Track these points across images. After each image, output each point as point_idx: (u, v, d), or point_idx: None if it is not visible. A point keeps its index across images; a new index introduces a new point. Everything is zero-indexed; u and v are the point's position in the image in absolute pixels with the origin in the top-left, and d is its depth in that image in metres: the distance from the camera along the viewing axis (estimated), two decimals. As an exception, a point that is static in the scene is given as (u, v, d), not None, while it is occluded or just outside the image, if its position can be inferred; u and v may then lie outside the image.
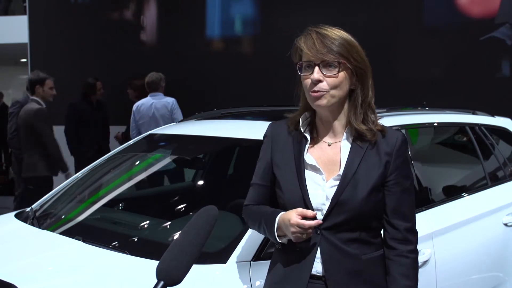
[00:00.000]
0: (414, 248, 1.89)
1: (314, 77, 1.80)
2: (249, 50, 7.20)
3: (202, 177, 3.65)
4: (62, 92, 7.72)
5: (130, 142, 3.35)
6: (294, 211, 1.80)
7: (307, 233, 1.79)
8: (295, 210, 1.81)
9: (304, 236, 1.79)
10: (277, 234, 1.85)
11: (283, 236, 1.86)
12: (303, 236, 1.79)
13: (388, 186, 1.86)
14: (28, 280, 2.13)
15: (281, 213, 1.85)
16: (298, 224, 1.76)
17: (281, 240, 1.86)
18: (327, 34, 1.81)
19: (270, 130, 2.01)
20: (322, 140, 1.92)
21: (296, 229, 1.77)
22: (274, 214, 1.87)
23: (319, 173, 1.87)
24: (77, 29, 7.90)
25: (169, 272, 1.39)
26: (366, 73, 1.86)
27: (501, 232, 3.21)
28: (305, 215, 1.78)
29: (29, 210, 2.99)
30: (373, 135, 1.85)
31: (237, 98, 6.41)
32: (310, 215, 1.78)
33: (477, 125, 3.68)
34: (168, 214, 2.89)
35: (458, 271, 2.88)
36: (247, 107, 3.61)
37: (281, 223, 1.83)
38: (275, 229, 1.84)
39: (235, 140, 2.98)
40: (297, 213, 1.79)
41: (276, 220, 1.85)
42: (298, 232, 1.78)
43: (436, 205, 2.95)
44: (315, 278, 1.85)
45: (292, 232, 1.78)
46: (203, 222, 1.47)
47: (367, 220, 1.85)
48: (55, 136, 5.73)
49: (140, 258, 2.24)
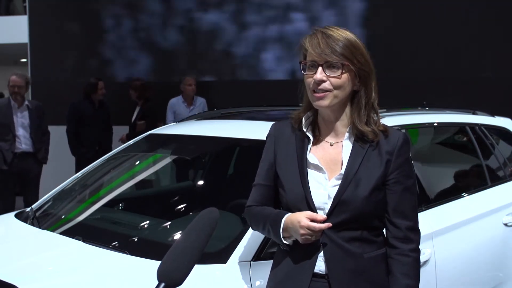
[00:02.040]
0: (415, 247, 1.89)
1: (317, 77, 1.81)
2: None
3: (202, 177, 3.65)
4: (62, 92, 7.76)
5: (130, 142, 3.35)
6: (303, 213, 1.81)
7: (316, 235, 1.80)
8: (304, 212, 1.81)
9: (313, 238, 1.80)
10: (283, 235, 1.86)
11: (289, 238, 1.86)
12: (312, 238, 1.80)
13: (389, 185, 1.87)
14: (28, 280, 2.13)
15: (288, 215, 1.85)
16: (309, 227, 1.78)
17: (287, 242, 1.87)
18: (332, 35, 1.82)
19: (273, 131, 2.02)
20: (324, 140, 1.92)
21: (306, 231, 1.78)
22: (280, 215, 1.87)
23: (322, 172, 1.88)
24: (77, 29, 7.90)
25: (170, 274, 1.39)
26: (369, 75, 1.86)
27: (501, 232, 3.21)
28: (314, 219, 1.79)
29: (29, 210, 2.98)
30: (375, 136, 1.86)
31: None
32: (320, 219, 1.80)
33: (477, 125, 3.68)
34: (168, 214, 2.89)
35: (458, 271, 2.88)
36: (247, 107, 3.61)
37: (288, 225, 1.83)
38: (281, 230, 1.85)
39: (235, 140, 2.98)
40: (306, 216, 1.79)
41: (282, 221, 1.85)
42: (308, 234, 1.79)
43: (436, 205, 2.95)
44: (318, 277, 1.86)
45: (301, 234, 1.79)
46: (204, 224, 1.47)
47: (369, 219, 1.86)
48: (55, 136, 5.75)
49: (140, 258, 2.24)
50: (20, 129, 5.86)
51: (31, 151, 5.91)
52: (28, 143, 5.90)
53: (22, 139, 5.87)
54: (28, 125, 5.88)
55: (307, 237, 1.80)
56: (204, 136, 3.07)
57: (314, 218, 1.79)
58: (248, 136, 2.80)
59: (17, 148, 5.83)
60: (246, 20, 7.12)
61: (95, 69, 7.45)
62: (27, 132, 5.89)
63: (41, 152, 5.99)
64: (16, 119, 5.84)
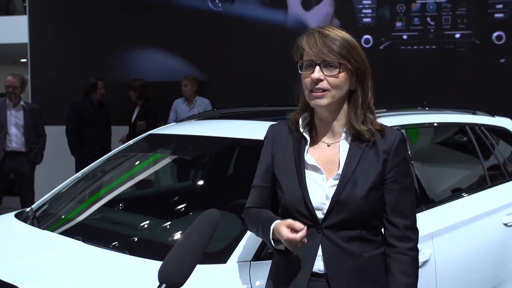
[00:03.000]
0: (413, 245, 1.89)
1: (314, 76, 1.82)
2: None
3: (202, 177, 3.65)
4: (62, 92, 7.76)
5: (130, 142, 3.35)
6: (283, 223, 1.79)
7: (301, 242, 1.78)
8: (284, 222, 1.80)
9: (299, 245, 1.79)
10: (274, 241, 1.85)
11: (280, 242, 1.85)
12: (298, 245, 1.79)
13: (387, 184, 1.87)
14: (28, 280, 2.13)
15: (275, 223, 1.84)
16: (289, 239, 1.76)
17: (278, 247, 1.86)
18: (329, 35, 1.83)
19: (270, 132, 2.02)
20: (321, 141, 1.93)
21: (289, 242, 1.78)
22: (269, 222, 1.87)
23: (320, 172, 1.88)
24: (77, 29, 7.90)
25: (171, 275, 1.39)
26: (366, 74, 1.87)
27: (501, 232, 3.21)
28: (293, 228, 1.77)
29: (29, 210, 2.99)
30: (371, 135, 1.87)
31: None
32: (298, 228, 1.76)
33: (477, 125, 3.68)
34: (168, 214, 2.89)
35: (458, 271, 2.88)
36: (247, 107, 3.61)
37: (276, 233, 1.83)
38: (271, 237, 1.85)
39: (235, 140, 2.98)
40: (286, 225, 1.78)
41: (270, 229, 1.85)
42: (293, 244, 1.78)
43: (436, 205, 2.95)
44: (317, 276, 1.86)
45: (287, 244, 1.79)
46: (205, 225, 1.48)
47: (367, 219, 1.86)
48: (55, 136, 5.78)
49: (140, 258, 2.24)
50: (13, 128, 5.95)
51: (23, 151, 5.98)
52: (20, 143, 5.97)
53: (14, 137, 5.95)
54: (22, 125, 5.98)
55: (292, 246, 1.79)
56: (204, 136, 3.07)
57: (293, 227, 1.77)
58: (248, 136, 2.80)
59: (7, 147, 5.93)
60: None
61: (95, 69, 7.44)
62: (20, 132, 5.97)
63: (33, 152, 6.04)
64: (10, 118, 5.94)
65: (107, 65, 7.67)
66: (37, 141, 6.10)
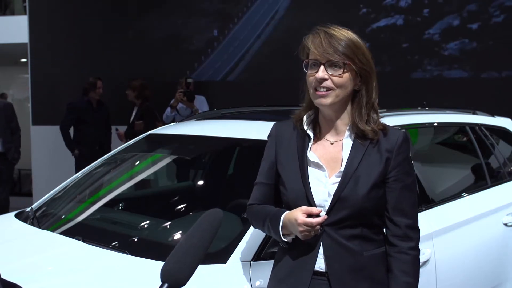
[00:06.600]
0: (415, 245, 1.90)
1: (319, 75, 1.84)
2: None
3: (202, 177, 3.65)
4: (62, 92, 7.76)
5: (130, 142, 3.35)
6: (299, 209, 1.82)
7: (315, 230, 1.81)
8: (299, 208, 1.83)
9: (312, 233, 1.81)
10: (282, 233, 1.87)
11: (288, 235, 1.88)
12: (311, 233, 1.81)
13: (389, 183, 1.88)
14: (28, 280, 2.13)
15: (286, 213, 1.87)
16: (306, 223, 1.79)
17: (286, 239, 1.88)
18: (335, 35, 1.85)
19: (275, 130, 2.04)
20: (325, 138, 1.94)
21: (303, 227, 1.80)
22: (279, 213, 1.89)
23: (322, 170, 1.89)
24: (77, 29, 7.90)
25: (174, 275, 1.39)
26: (370, 75, 1.89)
27: (501, 232, 3.21)
28: (310, 213, 1.81)
29: (29, 210, 2.98)
30: (375, 134, 1.88)
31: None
32: (316, 212, 1.81)
33: (477, 125, 3.68)
34: (168, 214, 2.89)
35: (458, 271, 2.88)
36: (247, 107, 3.61)
37: (287, 222, 1.85)
38: (280, 228, 1.86)
39: (235, 140, 2.98)
40: (302, 211, 1.81)
41: (281, 219, 1.86)
42: (306, 231, 1.80)
43: (436, 205, 2.95)
44: (318, 274, 1.87)
45: (300, 231, 1.81)
46: (208, 225, 1.47)
47: (369, 217, 1.87)
48: (54, 136, 5.74)
49: (140, 258, 2.24)
50: None
51: (0, 151, 5.82)
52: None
53: None
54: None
55: (306, 234, 1.81)
56: (204, 136, 3.07)
57: (310, 212, 1.81)
58: (248, 136, 2.80)
59: None
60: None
61: (95, 69, 7.44)
62: None
63: (11, 152, 5.90)
64: None
65: (107, 65, 7.67)
66: (12, 139, 5.91)
